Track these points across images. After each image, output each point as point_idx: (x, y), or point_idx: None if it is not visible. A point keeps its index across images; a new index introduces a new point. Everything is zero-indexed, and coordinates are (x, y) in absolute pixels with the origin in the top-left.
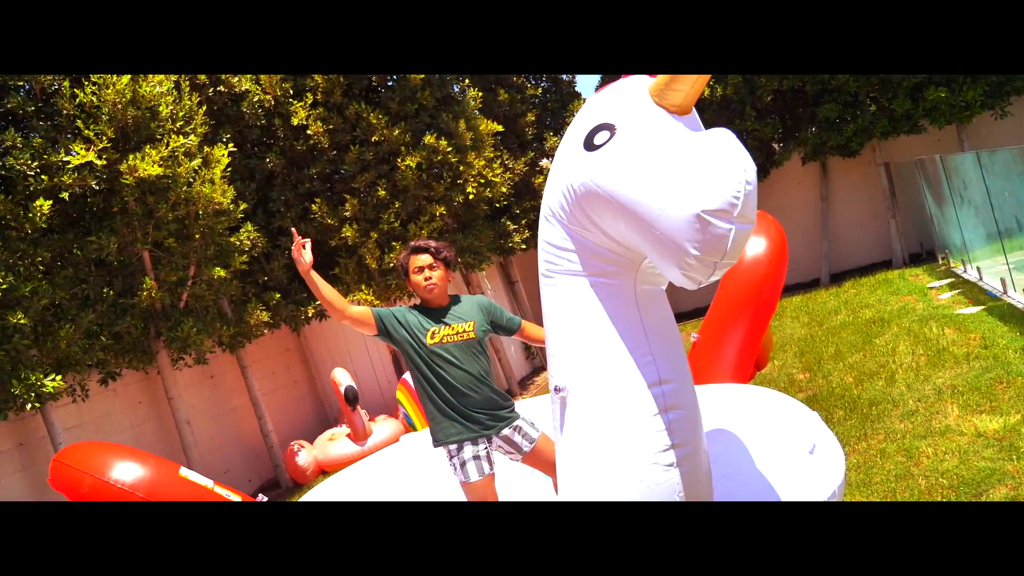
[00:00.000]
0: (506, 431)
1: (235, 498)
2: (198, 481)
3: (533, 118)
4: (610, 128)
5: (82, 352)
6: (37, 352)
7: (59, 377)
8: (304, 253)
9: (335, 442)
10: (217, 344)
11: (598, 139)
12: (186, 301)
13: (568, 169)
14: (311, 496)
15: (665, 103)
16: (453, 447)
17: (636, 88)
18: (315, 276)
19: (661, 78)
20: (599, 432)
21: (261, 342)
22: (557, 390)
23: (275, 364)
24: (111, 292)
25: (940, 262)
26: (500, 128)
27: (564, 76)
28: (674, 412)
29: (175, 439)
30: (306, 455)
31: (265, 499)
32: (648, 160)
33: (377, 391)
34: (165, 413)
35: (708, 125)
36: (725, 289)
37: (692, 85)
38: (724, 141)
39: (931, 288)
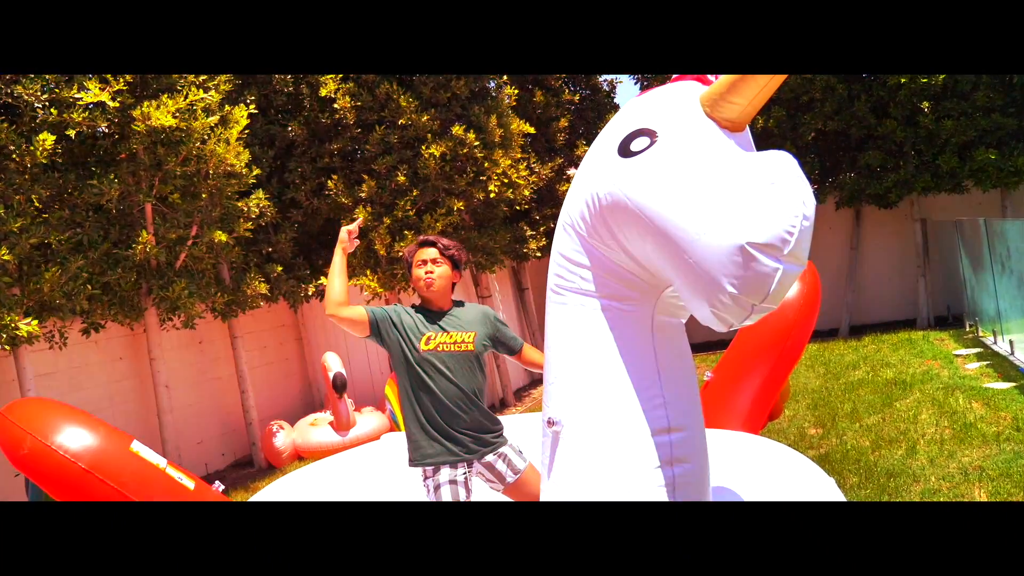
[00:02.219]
0: (489, 457)
1: (188, 482)
2: (149, 459)
3: (566, 124)
4: (650, 134)
5: (65, 298)
6: (19, 292)
7: (35, 322)
8: (352, 243)
9: (316, 428)
10: (210, 310)
11: (635, 145)
12: (183, 261)
13: (596, 175)
14: (282, 483)
15: (717, 115)
16: (429, 468)
17: (685, 94)
18: (342, 262)
19: (716, 87)
20: (592, 479)
21: (256, 314)
22: (550, 423)
23: (267, 339)
24: (107, 242)
25: (968, 329)
26: (531, 130)
27: (604, 85)
28: (681, 466)
29: (151, 401)
30: (284, 437)
31: (222, 487)
32: (691, 175)
33: (368, 381)
34: (145, 373)
35: None
36: (749, 328)
37: (751, 99)
38: (783, 166)
39: (957, 355)
